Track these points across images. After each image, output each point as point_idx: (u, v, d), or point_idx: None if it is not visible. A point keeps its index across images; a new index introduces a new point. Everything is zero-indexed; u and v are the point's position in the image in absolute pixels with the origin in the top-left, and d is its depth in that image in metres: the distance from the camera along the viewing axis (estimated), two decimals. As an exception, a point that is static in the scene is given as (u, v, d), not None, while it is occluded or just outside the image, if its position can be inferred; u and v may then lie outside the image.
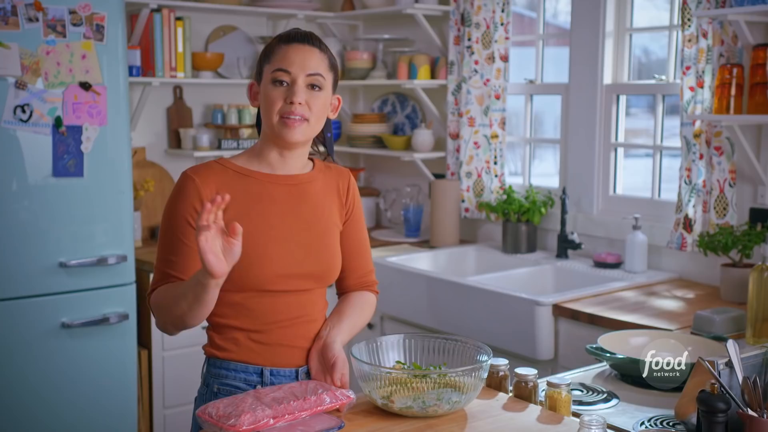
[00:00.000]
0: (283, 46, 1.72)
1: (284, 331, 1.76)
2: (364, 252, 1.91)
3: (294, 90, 1.69)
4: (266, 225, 1.73)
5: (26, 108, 2.84)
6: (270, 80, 1.71)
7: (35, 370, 2.91)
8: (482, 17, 3.64)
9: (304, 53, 1.71)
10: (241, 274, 1.67)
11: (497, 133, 3.72)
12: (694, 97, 2.92)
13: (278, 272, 1.72)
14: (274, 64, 1.72)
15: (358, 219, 1.89)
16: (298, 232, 1.76)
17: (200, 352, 3.56)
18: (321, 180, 1.84)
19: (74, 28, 2.91)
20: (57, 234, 2.93)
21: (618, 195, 3.44)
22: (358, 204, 1.90)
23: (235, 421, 1.43)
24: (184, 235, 1.69)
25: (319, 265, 1.78)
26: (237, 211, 1.70)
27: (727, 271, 2.79)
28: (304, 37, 1.74)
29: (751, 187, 2.95)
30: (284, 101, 1.70)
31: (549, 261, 3.44)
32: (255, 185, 1.75)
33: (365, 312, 1.88)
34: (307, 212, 1.78)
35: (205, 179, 1.71)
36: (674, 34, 3.24)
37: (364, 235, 1.92)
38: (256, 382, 1.74)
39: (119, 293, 3.06)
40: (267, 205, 1.74)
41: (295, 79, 1.70)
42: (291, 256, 1.74)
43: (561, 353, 2.82)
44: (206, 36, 4.01)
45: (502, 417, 1.69)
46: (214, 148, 3.85)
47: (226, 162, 1.77)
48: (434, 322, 3.23)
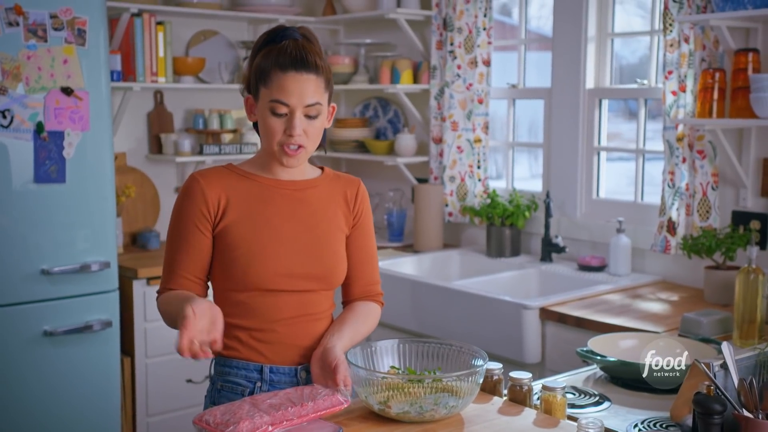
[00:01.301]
0: (280, 73, 1.71)
1: (285, 330, 1.79)
2: (369, 261, 1.92)
3: (293, 123, 1.72)
4: (268, 226, 1.78)
5: (7, 113, 2.80)
6: (268, 108, 1.73)
7: (17, 379, 2.86)
8: (464, 22, 3.65)
9: (301, 84, 1.71)
10: (243, 273, 1.75)
11: (480, 138, 3.73)
12: (676, 101, 2.95)
13: (279, 271, 1.76)
14: (271, 92, 1.72)
15: (365, 228, 1.91)
16: (299, 234, 1.80)
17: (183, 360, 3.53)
18: (326, 186, 1.87)
19: (55, 32, 2.87)
20: (39, 241, 2.89)
21: (601, 198, 3.46)
22: (367, 213, 1.92)
23: (234, 429, 1.42)
24: (192, 237, 1.77)
25: (321, 266, 1.81)
26: (240, 213, 1.77)
27: (711, 274, 2.82)
28: (301, 64, 1.71)
29: (734, 190, 2.98)
30: (283, 133, 1.74)
31: (533, 265, 3.45)
32: (258, 188, 1.81)
33: (368, 322, 1.89)
34: (309, 215, 1.82)
35: (210, 181, 1.78)
36: (656, 39, 3.27)
37: (372, 245, 1.93)
38: (256, 378, 1.78)
39: (102, 300, 3.03)
40: (269, 208, 1.80)
41: (293, 111, 1.72)
42: (292, 256, 1.78)
43: (548, 356, 2.83)
44: (187, 40, 3.98)
45: (499, 421, 1.69)
46: (195, 153, 3.83)
47: (233, 167, 1.84)
48: (419, 326, 3.22)
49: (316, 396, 1.59)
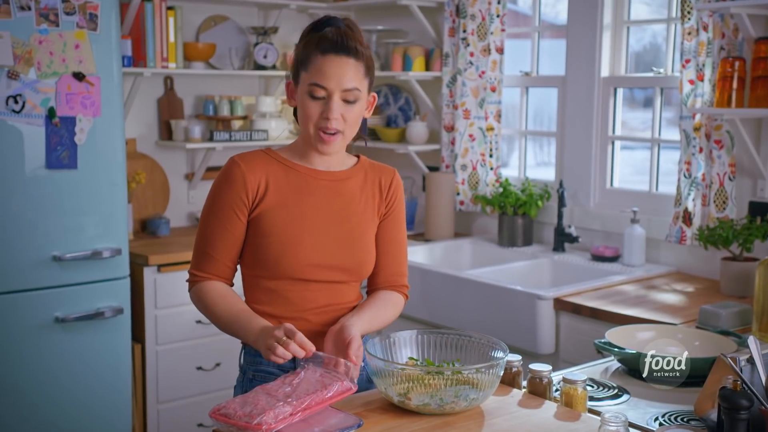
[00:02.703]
0: (320, 57, 1.71)
1: (316, 319, 1.80)
2: (398, 252, 1.91)
3: (330, 106, 1.72)
4: (302, 216, 1.78)
5: (19, 98, 2.77)
6: (307, 92, 1.74)
7: (29, 365, 2.86)
8: (477, 9, 3.61)
9: (341, 67, 1.71)
10: (275, 262, 1.76)
11: (493, 126, 3.70)
12: (693, 91, 2.92)
13: (310, 262, 1.77)
14: (311, 75, 1.72)
15: (396, 218, 1.90)
16: (332, 226, 1.80)
17: (193, 347, 3.53)
18: (361, 177, 1.87)
19: (67, 17, 2.84)
20: (50, 227, 2.87)
21: (615, 188, 3.43)
22: (400, 203, 1.91)
23: (261, 419, 1.40)
24: (228, 222, 1.77)
25: (352, 258, 1.81)
26: (277, 200, 1.78)
27: (728, 265, 2.79)
28: (341, 47, 1.71)
29: (751, 180, 2.95)
30: (320, 116, 1.73)
31: (546, 254, 3.43)
32: (296, 177, 1.81)
33: (389, 310, 1.88)
34: (343, 207, 1.82)
35: (252, 167, 1.78)
36: (672, 27, 3.23)
37: (402, 236, 1.92)
38: (289, 367, 1.76)
39: (113, 287, 3.01)
40: (305, 197, 1.80)
41: (330, 94, 1.72)
42: (324, 247, 1.78)
43: (562, 347, 2.81)
44: (197, 26, 3.95)
45: (519, 414, 1.67)
46: (205, 140, 3.80)
47: (272, 152, 1.83)
48: (430, 315, 3.21)
49: (326, 382, 1.58)
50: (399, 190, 1.91)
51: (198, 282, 1.81)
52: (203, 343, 3.42)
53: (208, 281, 1.81)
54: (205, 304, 1.79)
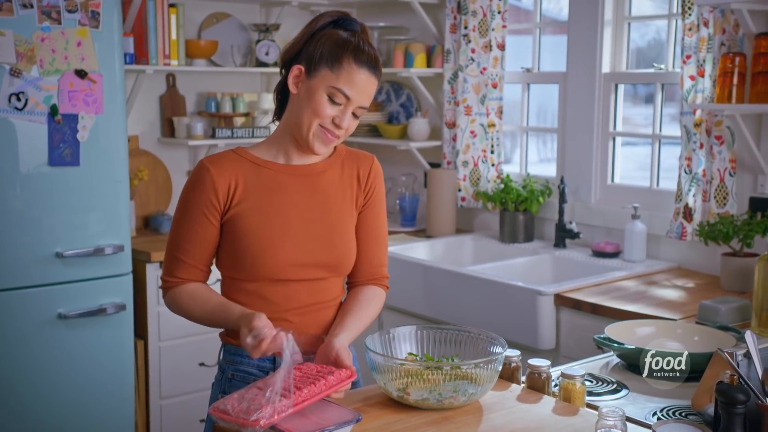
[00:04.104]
0: (355, 67, 1.70)
1: (297, 319, 1.78)
2: (378, 242, 1.89)
3: (345, 116, 1.73)
4: (278, 215, 1.76)
5: (21, 96, 2.79)
6: (326, 92, 1.71)
7: (32, 361, 2.87)
8: (479, 5, 3.62)
9: (368, 84, 1.73)
10: (253, 263, 1.73)
11: (494, 122, 3.71)
12: (694, 86, 2.92)
13: (289, 261, 1.75)
14: (339, 80, 1.70)
15: (376, 207, 1.88)
16: (310, 223, 1.77)
17: (196, 343, 3.53)
18: (338, 168, 1.84)
19: (69, 14, 2.86)
20: (53, 224, 2.88)
21: (616, 184, 3.44)
22: (379, 192, 1.88)
23: (258, 415, 1.41)
24: (200, 225, 1.75)
25: (332, 255, 1.79)
26: (250, 201, 1.75)
27: (728, 261, 2.80)
28: (373, 66, 1.73)
29: (752, 176, 2.95)
30: (331, 120, 1.73)
31: (547, 250, 3.44)
32: (269, 176, 1.78)
33: (371, 308, 1.86)
34: (320, 203, 1.80)
35: (221, 170, 1.75)
36: (673, 23, 3.23)
37: (382, 225, 1.90)
38: (269, 368, 1.77)
39: (116, 283, 3.03)
40: (280, 196, 1.77)
41: (349, 105, 1.72)
42: (302, 245, 1.76)
43: (563, 343, 2.81)
44: (199, 23, 3.96)
45: (517, 408, 1.68)
46: (207, 137, 3.81)
47: (243, 152, 1.80)
48: (432, 311, 3.22)
49: (324, 373, 1.59)
50: (378, 179, 1.88)
51: (171, 288, 1.79)
52: (205, 339, 3.44)
53: (180, 286, 1.78)
54: (180, 307, 1.78)
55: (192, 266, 1.77)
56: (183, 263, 1.77)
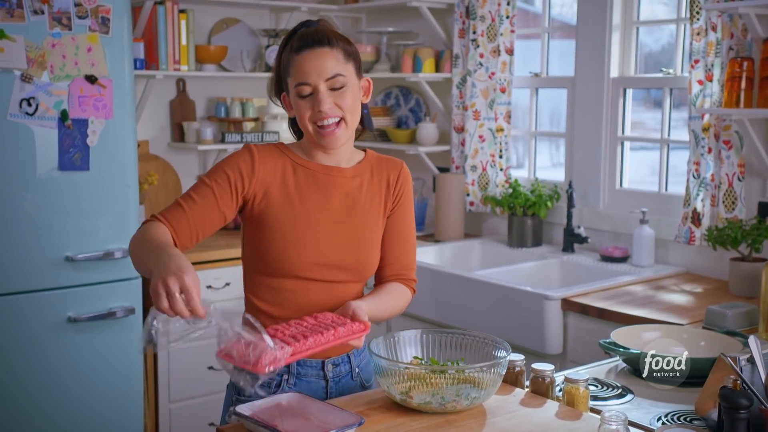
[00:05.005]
0: (296, 56, 1.74)
1: None
2: (406, 246, 1.90)
3: (318, 99, 1.73)
4: (307, 214, 1.78)
5: (32, 101, 2.81)
6: (295, 94, 1.76)
7: (42, 365, 2.89)
8: (487, 10, 3.62)
9: (317, 59, 1.73)
10: (277, 259, 1.75)
11: (502, 127, 3.71)
12: (702, 91, 2.91)
13: (312, 260, 1.76)
14: (294, 78, 1.75)
15: (405, 211, 1.90)
16: (336, 224, 1.80)
17: (205, 347, 3.53)
18: (368, 175, 1.86)
19: (80, 20, 2.88)
20: (63, 228, 2.91)
21: (624, 189, 3.43)
22: (408, 197, 1.90)
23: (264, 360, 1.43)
24: (215, 182, 1.74)
25: (355, 259, 1.81)
26: (282, 197, 1.77)
27: (737, 266, 2.79)
28: (313, 40, 1.74)
29: (760, 181, 2.94)
30: (312, 110, 1.74)
31: (555, 255, 3.43)
32: (305, 174, 1.81)
33: (396, 299, 1.86)
34: (348, 207, 1.82)
35: (265, 158, 1.79)
36: (682, 28, 3.23)
37: (410, 230, 1.92)
38: (283, 371, 1.77)
39: (125, 287, 3.05)
40: (311, 195, 1.79)
41: (316, 87, 1.73)
42: (327, 246, 1.78)
43: (570, 348, 2.81)
44: (209, 29, 3.99)
45: (521, 413, 1.68)
46: (217, 142, 3.83)
47: (284, 147, 1.84)
48: (440, 316, 3.22)
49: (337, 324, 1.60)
50: (407, 184, 1.90)
51: (149, 221, 1.72)
52: (214, 343, 3.44)
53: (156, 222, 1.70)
54: (136, 237, 1.67)
55: (184, 220, 1.70)
56: (182, 212, 1.71)
